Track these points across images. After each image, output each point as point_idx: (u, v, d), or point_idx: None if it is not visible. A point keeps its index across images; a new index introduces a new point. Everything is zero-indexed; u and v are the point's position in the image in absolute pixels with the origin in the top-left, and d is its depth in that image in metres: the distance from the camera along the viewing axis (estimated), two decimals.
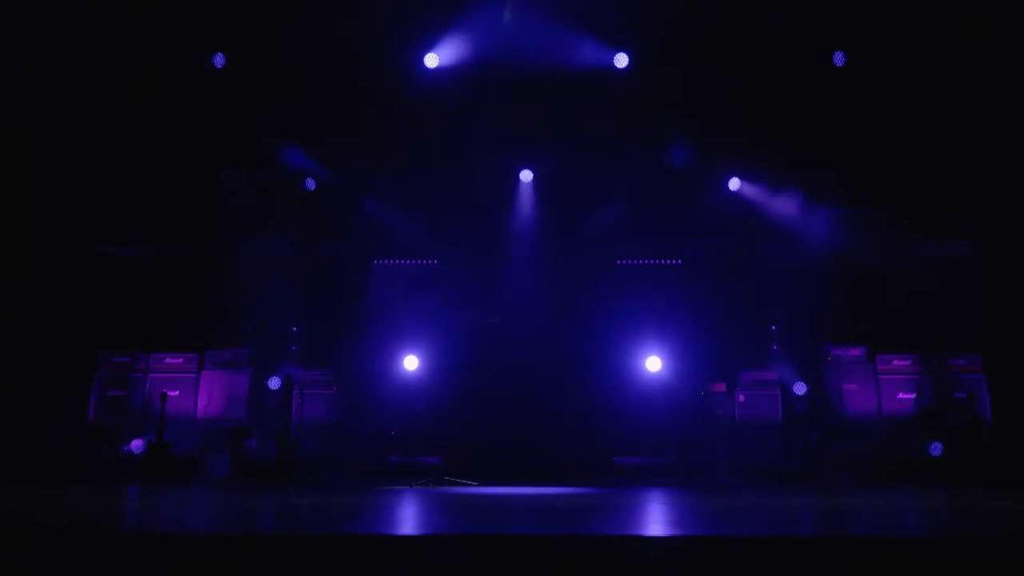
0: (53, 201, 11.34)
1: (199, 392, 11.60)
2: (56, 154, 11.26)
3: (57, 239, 11.47)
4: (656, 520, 6.66)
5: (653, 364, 11.45)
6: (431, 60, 11.63)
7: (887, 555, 5.04)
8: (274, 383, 11.17)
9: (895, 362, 11.58)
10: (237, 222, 11.94)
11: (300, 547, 5.24)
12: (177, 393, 11.43)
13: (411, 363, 11.37)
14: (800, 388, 11.25)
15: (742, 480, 10.49)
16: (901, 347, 11.57)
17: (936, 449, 10.70)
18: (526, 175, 12.36)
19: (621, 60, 11.64)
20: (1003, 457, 10.38)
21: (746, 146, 11.74)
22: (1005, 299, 11.17)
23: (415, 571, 5.06)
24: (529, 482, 10.16)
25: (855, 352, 11.66)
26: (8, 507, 7.13)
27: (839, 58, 11.40)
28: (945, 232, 11.80)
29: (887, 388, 11.49)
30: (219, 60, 11.61)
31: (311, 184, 12.26)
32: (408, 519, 6.71)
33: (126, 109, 11.32)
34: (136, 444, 10.90)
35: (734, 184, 12.21)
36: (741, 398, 11.53)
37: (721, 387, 11.59)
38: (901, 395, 11.42)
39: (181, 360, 11.71)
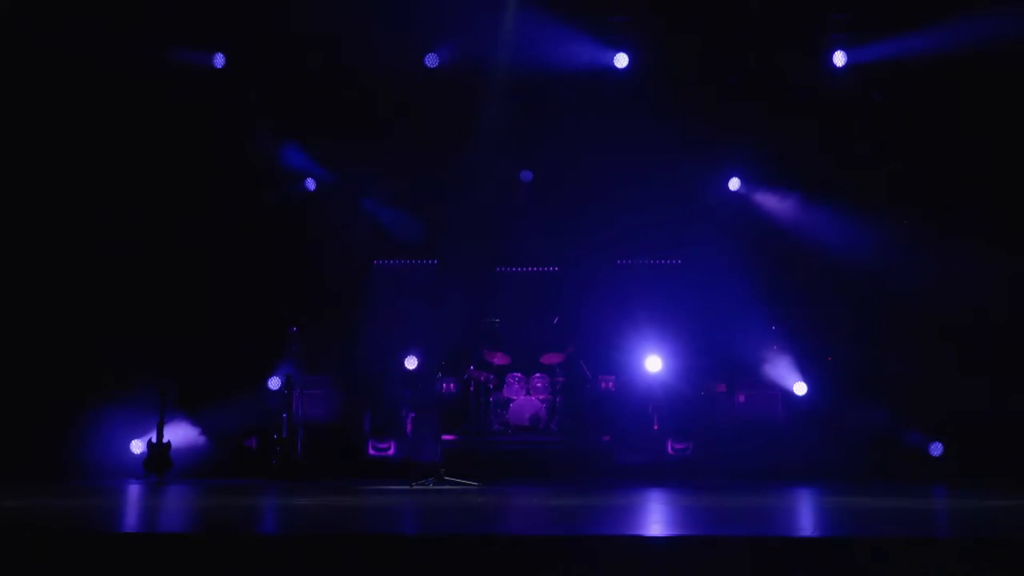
0: (53, 201, 11.33)
1: None
2: (57, 153, 11.26)
3: (57, 239, 11.46)
4: (656, 520, 6.66)
5: (653, 364, 11.44)
6: (431, 60, 11.64)
7: (886, 555, 5.04)
8: (274, 383, 11.17)
9: None
10: (237, 222, 11.92)
11: (300, 547, 5.24)
12: None
13: (411, 363, 11.38)
14: (800, 388, 11.25)
15: (742, 481, 10.48)
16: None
17: (936, 449, 10.70)
18: (526, 175, 12.37)
19: (621, 60, 11.64)
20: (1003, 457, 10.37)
21: (747, 146, 11.74)
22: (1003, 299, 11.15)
23: (415, 571, 5.06)
24: (529, 482, 10.16)
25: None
26: (11, 507, 7.13)
27: (839, 57, 11.40)
28: (945, 232, 11.76)
29: None
30: (219, 60, 11.61)
31: (311, 184, 12.27)
32: (408, 519, 6.71)
33: (127, 109, 11.31)
34: (136, 444, 10.90)
35: (734, 184, 12.21)
36: (741, 398, 11.51)
37: (721, 387, 11.58)
38: None
39: None
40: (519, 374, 11.61)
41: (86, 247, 11.39)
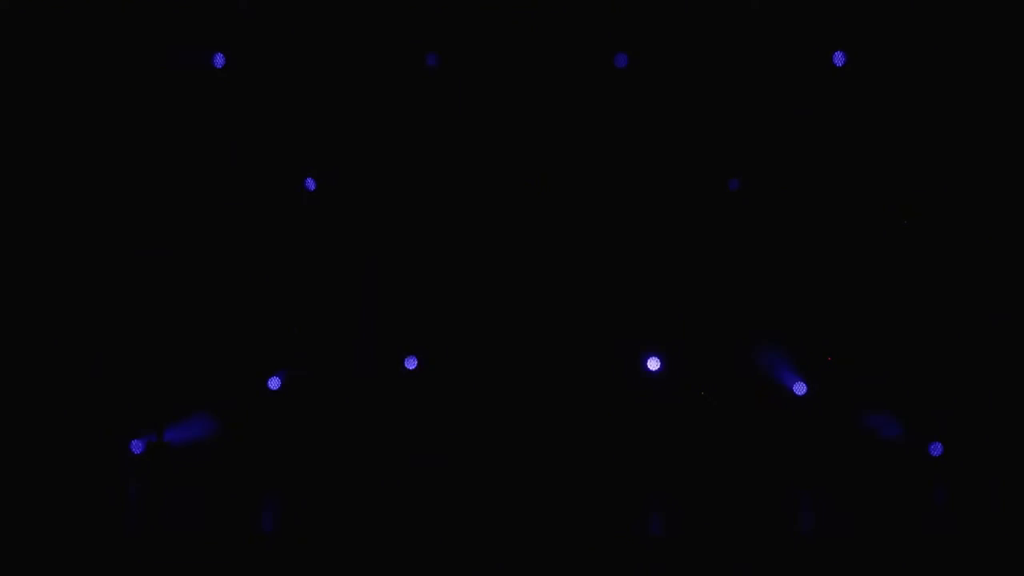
0: (51, 200, 11.34)
1: None
2: (55, 152, 11.26)
3: (52, 238, 11.45)
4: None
5: (653, 364, 11.44)
6: (431, 59, 11.63)
7: (886, 554, 5.06)
8: (274, 383, 11.18)
9: None
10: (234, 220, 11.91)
11: (301, 547, 5.25)
12: None
13: (411, 363, 11.39)
14: (800, 388, 11.25)
15: (741, 480, 10.49)
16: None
17: (937, 448, 10.69)
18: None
19: (620, 60, 11.64)
20: None
21: (743, 146, 11.76)
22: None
23: (414, 565, 5.08)
24: (529, 484, 10.19)
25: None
26: (10, 506, 7.16)
27: (838, 58, 11.40)
28: (938, 230, 11.76)
29: None
30: (219, 60, 11.60)
31: (311, 184, 12.25)
32: (408, 519, 6.74)
33: (125, 106, 11.33)
34: (136, 444, 10.90)
35: (733, 185, 12.20)
36: (740, 398, 11.49)
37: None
38: None
39: None
40: None
41: (83, 247, 11.41)
